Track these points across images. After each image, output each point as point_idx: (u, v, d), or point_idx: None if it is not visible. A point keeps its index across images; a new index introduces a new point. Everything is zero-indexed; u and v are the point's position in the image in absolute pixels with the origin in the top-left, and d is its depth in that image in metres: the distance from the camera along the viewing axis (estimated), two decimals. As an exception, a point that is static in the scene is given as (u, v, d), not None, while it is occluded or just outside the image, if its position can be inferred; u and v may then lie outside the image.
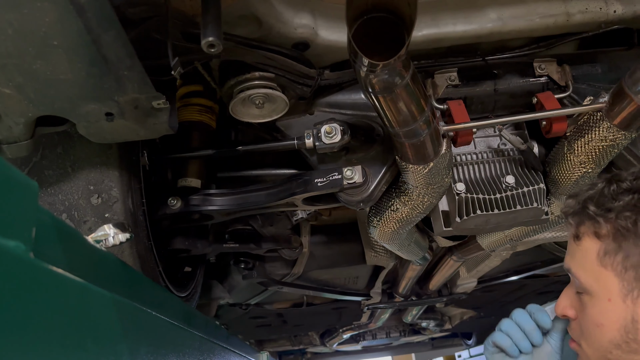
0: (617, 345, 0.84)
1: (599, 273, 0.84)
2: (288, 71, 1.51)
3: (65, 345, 0.67)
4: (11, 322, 0.55)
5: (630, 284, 0.80)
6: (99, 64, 1.02)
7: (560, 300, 0.96)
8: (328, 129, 1.59)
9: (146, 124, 1.20)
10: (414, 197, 1.62)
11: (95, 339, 0.75)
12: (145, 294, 1.04)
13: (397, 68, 1.19)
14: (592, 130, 1.50)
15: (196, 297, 2.11)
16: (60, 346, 0.65)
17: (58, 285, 0.66)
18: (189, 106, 1.76)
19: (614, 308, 0.83)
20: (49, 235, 0.69)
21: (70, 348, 0.68)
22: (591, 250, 0.86)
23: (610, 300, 0.83)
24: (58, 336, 0.65)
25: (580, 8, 1.60)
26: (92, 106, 1.12)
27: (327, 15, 1.51)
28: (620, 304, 0.82)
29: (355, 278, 3.08)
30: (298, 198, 1.70)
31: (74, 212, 1.41)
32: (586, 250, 0.87)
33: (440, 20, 1.57)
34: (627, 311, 0.82)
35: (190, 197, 1.73)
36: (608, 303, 0.83)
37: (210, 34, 1.02)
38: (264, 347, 5.15)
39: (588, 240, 0.86)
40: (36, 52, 0.99)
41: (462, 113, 1.52)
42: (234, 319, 3.42)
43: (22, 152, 1.23)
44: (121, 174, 1.43)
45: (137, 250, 1.48)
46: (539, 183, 1.66)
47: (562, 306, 0.96)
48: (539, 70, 1.66)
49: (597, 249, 0.84)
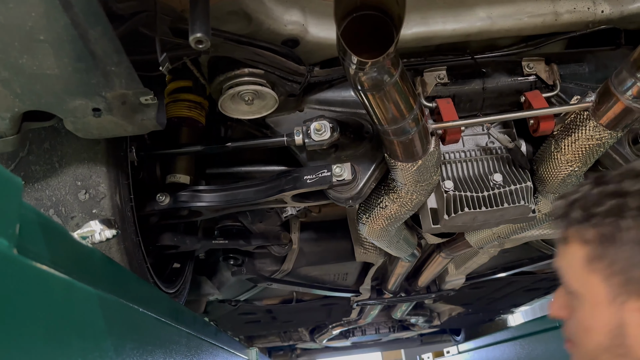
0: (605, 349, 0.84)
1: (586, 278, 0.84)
2: (278, 68, 1.51)
3: (50, 342, 0.67)
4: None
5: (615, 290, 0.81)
6: (86, 59, 1.01)
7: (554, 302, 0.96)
8: (317, 126, 1.59)
9: (134, 120, 1.20)
10: (403, 194, 1.63)
11: (80, 335, 0.75)
12: (131, 291, 1.04)
13: (386, 66, 1.19)
14: (578, 129, 1.52)
15: (185, 293, 2.10)
16: (44, 342, 0.65)
17: (42, 282, 0.66)
18: (178, 102, 1.74)
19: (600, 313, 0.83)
20: (33, 232, 0.69)
21: (55, 344, 0.68)
22: (578, 254, 0.86)
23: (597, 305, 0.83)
24: (42, 332, 0.64)
25: (569, 8, 1.61)
26: (79, 101, 1.11)
27: (317, 12, 1.51)
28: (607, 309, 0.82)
29: (345, 274, 3.09)
30: (287, 195, 1.70)
31: (62, 207, 1.40)
32: (573, 254, 0.87)
33: (429, 19, 1.57)
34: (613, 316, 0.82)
35: (179, 194, 1.72)
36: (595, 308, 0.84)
37: (199, 30, 1.01)
38: (253, 343, 5.15)
39: (575, 244, 0.87)
40: (22, 47, 0.98)
41: (451, 111, 1.53)
42: (223, 316, 3.42)
43: (8, 147, 1.22)
44: (109, 170, 1.42)
45: (125, 246, 1.47)
46: (527, 181, 1.67)
47: (555, 307, 0.96)
48: (527, 69, 1.67)
49: (584, 254, 0.85)
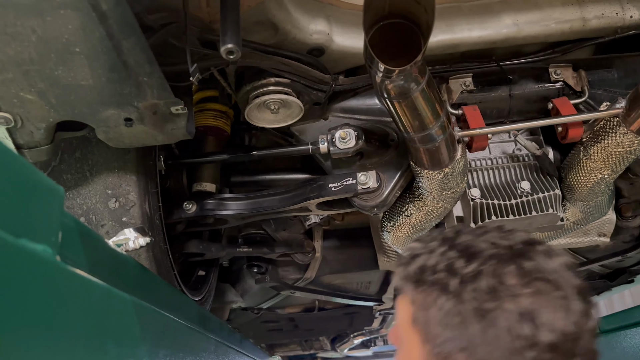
0: None
1: (409, 332, 0.87)
2: (303, 77, 1.52)
3: (88, 346, 0.68)
4: (38, 323, 0.56)
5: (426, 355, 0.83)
6: (119, 70, 1.03)
7: (392, 329, 1.00)
8: (342, 134, 1.59)
9: (164, 129, 1.22)
10: (429, 202, 1.62)
11: (116, 341, 0.76)
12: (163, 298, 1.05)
13: (413, 74, 1.19)
14: (608, 136, 1.50)
15: (210, 300, 2.12)
16: (83, 347, 0.66)
17: (81, 288, 0.67)
18: (204, 111, 1.77)
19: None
20: (73, 239, 0.71)
21: (93, 350, 0.69)
22: (406, 309, 0.89)
23: (411, 357, 0.87)
24: (82, 338, 0.66)
25: (597, 13, 1.60)
26: (112, 111, 1.13)
27: (342, 22, 1.52)
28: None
29: (368, 283, 3.08)
30: (312, 203, 1.71)
31: (92, 215, 1.42)
32: (403, 305, 0.90)
33: (455, 26, 1.57)
34: None
35: (206, 202, 1.74)
36: (411, 357, 0.87)
37: (230, 41, 1.03)
38: (275, 351, 5.15)
39: (405, 298, 0.89)
40: (58, 59, 1.01)
41: (477, 118, 1.52)
42: (245, 323, 3.42)
43: (42, 156, 1.25)
44: (138, 179, 1.44)
45: (154, 253, 1.49)
46: (555, 189, 1.65)
47: (390, 334, 1.00)
48: (554, 75, 1.65)
49: (410, 312, 0.87)
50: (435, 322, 0.82)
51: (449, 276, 0.82)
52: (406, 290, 0.90)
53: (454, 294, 0.80)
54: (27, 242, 0.55)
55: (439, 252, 0.87)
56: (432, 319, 0.82)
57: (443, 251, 0.87)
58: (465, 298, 0.79)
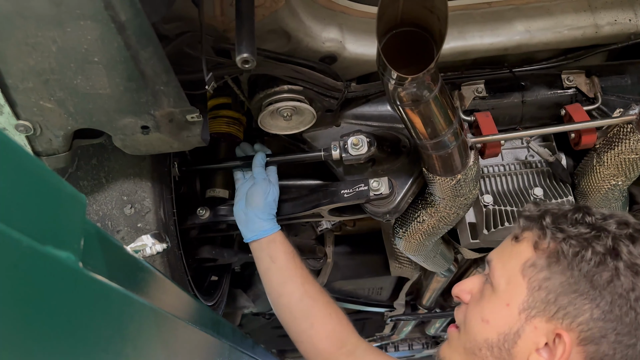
0: (489, 346, 0.86)
1: (514, 278, 0.85)
2: (316, 84, 1.53)
3: (109, 353, 0.69)
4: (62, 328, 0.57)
5: (533, 302, 0.82)
6: (137, 79, 1.05)
7: (464, 283, 0.97)
8: (355, 141, 1.60)
9: (180, 137, 1.23)
10: (441, 209, 1.62)
11: (135, 348, 0.77)
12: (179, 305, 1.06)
13: (425, 81, 1.20)
14: (622, 142, 1.49)
15: (222, 305, 2.13)
16: (104, 353, 0.68)
17: (103, 294, 0.69)
18: (217, 118, 1.79)
19: (506, 314, 0.85)
20: (93, 246, 0.72)
21: (113, 355, 0.71)
22: (521, 255, 0.86)
23: (508, 305, 0.85)
24: (103, 344, 0.67)
25: (609, 20, 1.59)
26: (129, 119, 1.15)
27: (354, 29, 1.53)
28: (515, 314, 0.84)
29: (379, 289, 3.08)
30: (324, 209, 1.71)
31: (108, 222, 1.44)
32: (517, 253, 0.87)
33: (467, 33, 1.57)
34: (515, 323, 0.83)
35: (219, 207, 1.75)
36: (505, 307, 0.85)
37: (245, 50, 1.04)
38: (285, 357, 5.15)
39: (525, 246, 0.87)
40: (77, 68, 1.03)
41: (490, 125, 1.52)
42: (256, 329, 3.43)
43: (60, 163, 1.27)
44: (153, 185, 1.46)
45: (168, 259, 1.51)
46: (568, 195, 1.65)
47: (461, 288, 0.98)
48: (567, 82, 1.65)
49: (527, 258, 0.85)
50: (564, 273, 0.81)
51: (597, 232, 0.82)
52: (528, 238, 0.88)
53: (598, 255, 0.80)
54: (52, 249, 0.56)
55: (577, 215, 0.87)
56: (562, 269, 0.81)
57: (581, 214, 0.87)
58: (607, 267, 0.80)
